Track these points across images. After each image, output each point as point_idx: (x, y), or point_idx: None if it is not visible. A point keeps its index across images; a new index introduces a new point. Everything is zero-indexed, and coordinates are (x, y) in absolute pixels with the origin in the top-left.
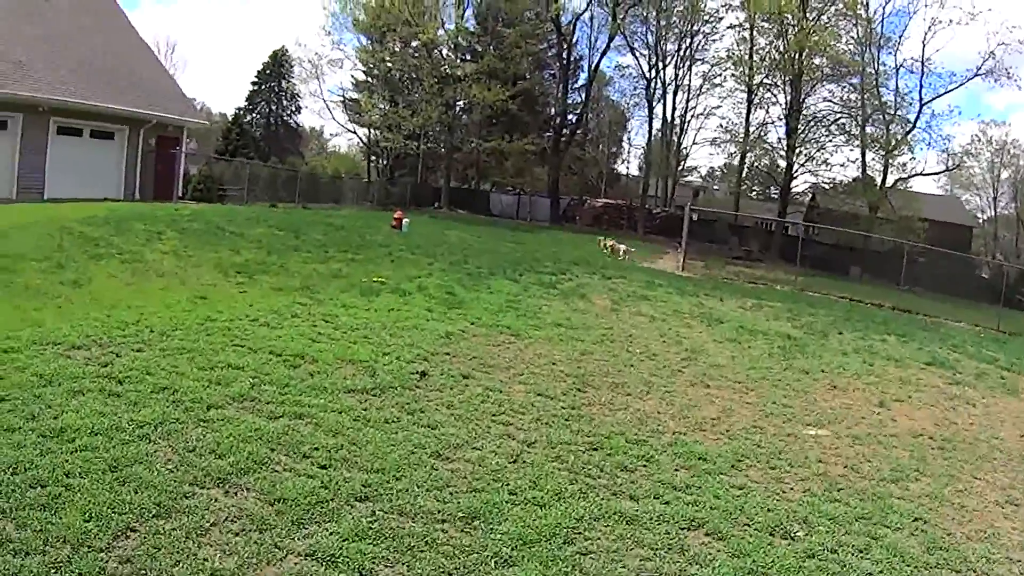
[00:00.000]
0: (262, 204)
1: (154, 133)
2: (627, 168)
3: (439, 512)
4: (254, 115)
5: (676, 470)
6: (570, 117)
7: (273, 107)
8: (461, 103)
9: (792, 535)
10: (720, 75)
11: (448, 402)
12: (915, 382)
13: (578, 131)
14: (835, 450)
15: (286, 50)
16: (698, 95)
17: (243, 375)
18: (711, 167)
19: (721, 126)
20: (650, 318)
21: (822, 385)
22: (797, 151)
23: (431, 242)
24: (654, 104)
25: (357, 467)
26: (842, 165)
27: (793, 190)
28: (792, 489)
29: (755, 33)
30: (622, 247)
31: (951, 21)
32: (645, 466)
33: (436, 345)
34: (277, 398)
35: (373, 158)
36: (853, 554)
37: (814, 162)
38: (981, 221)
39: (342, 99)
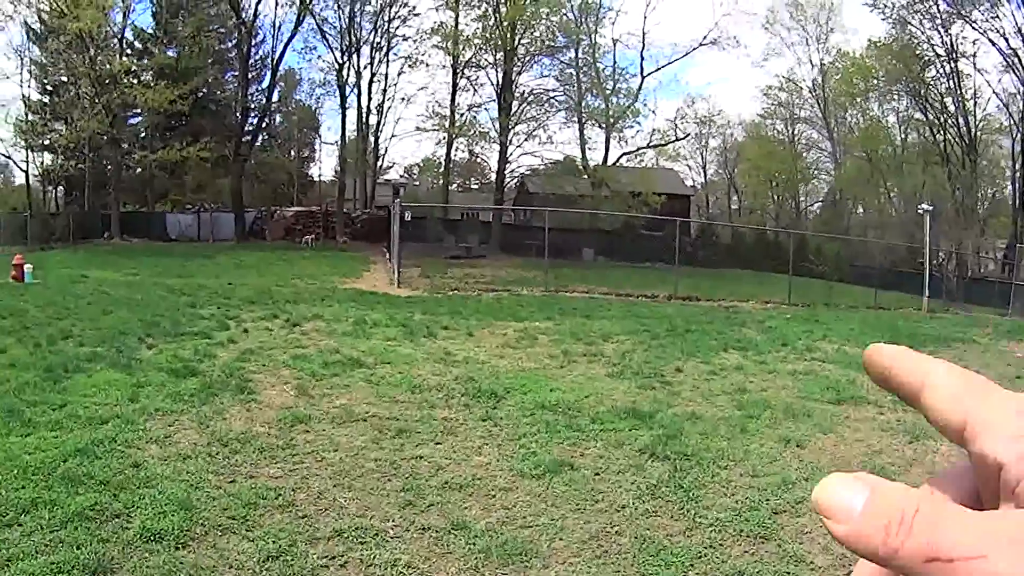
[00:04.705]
0: None
1: None
2: (320, 172)
3: None
4: None
5: None
6: (253, 120)
7: None
8: (140, 115)
9: None
10: (425, 52)
11: None
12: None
13: (262, 133)
14: None
15: None
16: (396, 83)
17: None
18: (407, 161)
19: (429, 108)
20: (374, 431)
21: None
22: (513, 131)
23: (46, 299)
24: (347, 94)
25: None
26: (566, 143)
27: (510, 174)
28: None
29: (460, 5)
30: None
31: None
32: None
33: None
34: None
35: (47, 186)
36: None
37: (535, 141)
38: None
39: None
